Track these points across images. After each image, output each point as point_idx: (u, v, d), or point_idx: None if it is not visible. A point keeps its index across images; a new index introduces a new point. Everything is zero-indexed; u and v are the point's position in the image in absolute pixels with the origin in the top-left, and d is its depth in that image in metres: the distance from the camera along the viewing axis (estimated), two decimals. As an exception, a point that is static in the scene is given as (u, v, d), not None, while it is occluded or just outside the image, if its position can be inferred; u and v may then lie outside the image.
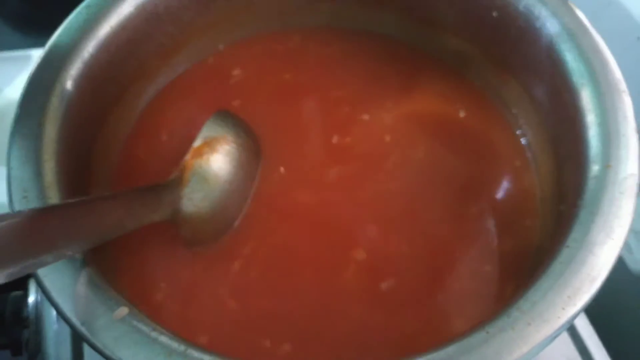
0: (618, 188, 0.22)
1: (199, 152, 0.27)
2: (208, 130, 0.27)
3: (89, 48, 0.27)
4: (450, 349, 0.19)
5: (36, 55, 0.48)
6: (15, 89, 0.48)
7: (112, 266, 0.25)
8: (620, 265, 0.34)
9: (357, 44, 0.34)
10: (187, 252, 0.27)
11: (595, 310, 0.31)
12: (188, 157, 0.26)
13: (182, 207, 0.26)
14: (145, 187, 0.26)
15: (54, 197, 0.23)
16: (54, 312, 0.32)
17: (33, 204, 0.22)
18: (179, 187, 0.26)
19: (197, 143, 0.27)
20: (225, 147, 0.27)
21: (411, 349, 0.20)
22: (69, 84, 0.26)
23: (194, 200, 0.26)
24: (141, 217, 0.24)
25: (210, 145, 0.27)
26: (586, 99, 0.24)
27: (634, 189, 0.22)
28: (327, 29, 0.34)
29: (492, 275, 0.26)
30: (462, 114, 0.31)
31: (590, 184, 0.22)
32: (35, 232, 0.19)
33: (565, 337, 0.31)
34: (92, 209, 0.22)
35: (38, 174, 0.23)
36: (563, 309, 0.20)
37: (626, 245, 0.34)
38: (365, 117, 0.31)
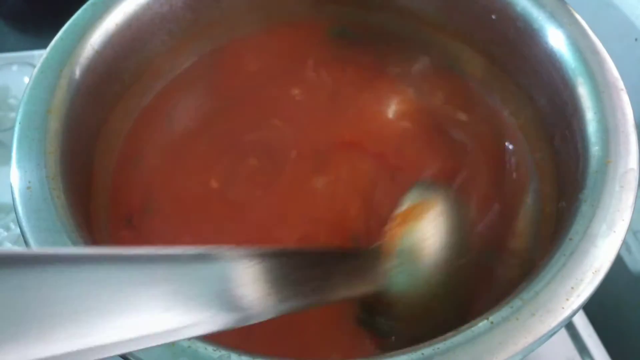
0: (618, 182, 0.22)
1: (406, 220, 0.22)
2: (414, 195, 0.24)
3: (95, 44, 0.27)
4: (455, 339, 0.19)
5: (37, 56, 0.48)
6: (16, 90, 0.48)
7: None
8: (619, 265, 0.34)
9: (355, 44, 0.34)
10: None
11: (595, 310, 0.31)
12: (393, 224, 0.22)
13: (387, 284, 0.21)
14: (343, 251, 0.22)
15: (57, 189, 0.22)
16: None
17: (36, 194, 0.22)
18: (382, 258, 0.21)
19: (404, 209, 0.23)
20: (437, 216, 0.23)
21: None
22: (73, 79, 0.26)
23: (402, 276, 0.21)
24: (352, 287, 0.20)
25: (418, 212, 0.23)
26: (585, 96, 0.25)
27: (634, 183, 0.22)
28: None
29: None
30: (461, 115, 0.31)
31: (591, 179, 0.23)
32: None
33: (565, 337, 0.31)
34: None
35: (42, 165, 0.23)
36: (567, 299, 0.20)
37: (625, 245, 0.34)
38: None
